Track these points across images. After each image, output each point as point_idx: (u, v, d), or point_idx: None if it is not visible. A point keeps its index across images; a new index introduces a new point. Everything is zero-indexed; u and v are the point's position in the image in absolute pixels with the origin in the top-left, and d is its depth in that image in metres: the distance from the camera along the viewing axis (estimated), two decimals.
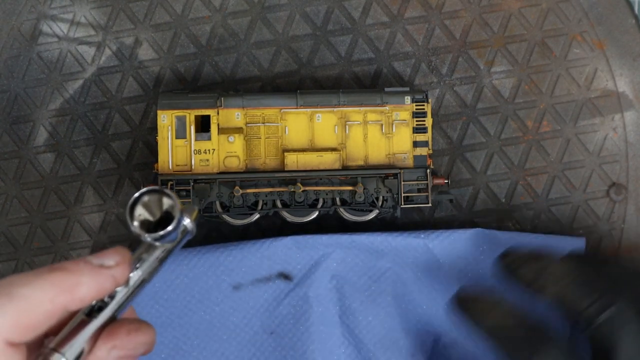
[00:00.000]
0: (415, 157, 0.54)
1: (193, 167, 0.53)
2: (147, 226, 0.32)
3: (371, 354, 0.53)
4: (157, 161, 0.53)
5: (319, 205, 0.54)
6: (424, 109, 0.54)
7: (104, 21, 0.58)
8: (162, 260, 0.33)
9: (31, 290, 0.29)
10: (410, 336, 0.54)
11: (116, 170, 0.58)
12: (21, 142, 0.58)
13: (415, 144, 0.54)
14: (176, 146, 0.53)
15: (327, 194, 0.54)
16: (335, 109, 0.54)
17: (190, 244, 0.57)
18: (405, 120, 0.54)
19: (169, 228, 0.31)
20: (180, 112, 0.53)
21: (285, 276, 0.54)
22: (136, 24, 0.59)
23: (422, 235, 0.54)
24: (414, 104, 0.54)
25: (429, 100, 0.54)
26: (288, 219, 0.55)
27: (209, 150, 0.53)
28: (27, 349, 0.30)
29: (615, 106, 0.58)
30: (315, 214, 0.54)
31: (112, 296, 0.31)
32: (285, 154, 0.53)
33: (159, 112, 0.53)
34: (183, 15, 0.58)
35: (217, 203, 0.54)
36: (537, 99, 0.58)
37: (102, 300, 0.31)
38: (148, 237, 0.31)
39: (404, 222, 0.57)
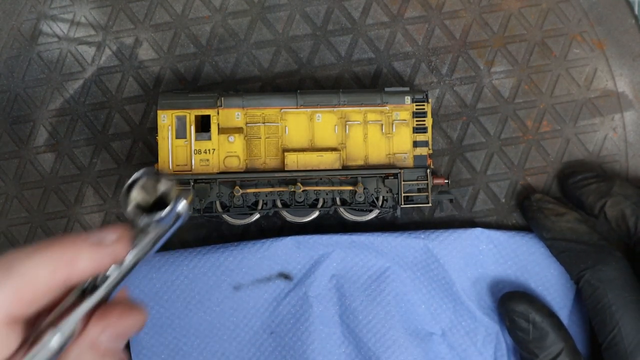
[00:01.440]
0: (415, 157, 0.54)
1: (193, 167, 0.53)
2: (142, 209, 0.32)
3: (371, 353, 0.53)
4: (157, 161, 0.53)
5: (319, 205, 0.54)
6: (424, 108, 0.54)
7: (104, 21, 0.59)
8: (155, 243, 0.33)
9: (31, 264, 0.29)
10: (409, 336, 0.54)
11: (116, 170, 0.58)
12: (21, 142, 0.58)
13: (416, 144, 0.54)
14: (176, 146, 0.53)
15: (327, 194, 0.54)
16: (336, 109, 0.54)
17: (190, 245, 0.57)
18: (405, 120, 0.54)
19: (165, 211, 0.31)
20: (180, 112, 0.53)
21: (285, 276, 0.54)
22: (136, 24, 0.59)
23: (422, 236, 0.54)
24: (414, 104, 0.54)
25: (429, 100, 0.54)
26: (288, 219, 0.55)
27: (209, 150, 0.53)
28: (24, 326, 0.30)
29: (615, 106, 0.58)
30: (315, 214, 0.54)
31: (104, 278, 0.32)
32: (286, 153, 0.53)
33: (159, 112, 0.53)
34: (183, 15, 0.59)
35: (217, 203, 0.54)
36: (537, 99, 0.58)
37: (95, 281, 0.31)
38: (143, 220, 0.31)
39: (404, 222, 0.57)
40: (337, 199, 0.54)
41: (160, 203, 0.32)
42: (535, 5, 0.58)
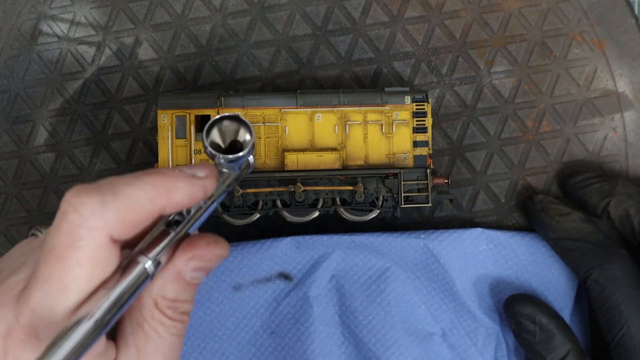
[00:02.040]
0: (415, 157, 0.54)
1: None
2: (217, 148, 0.33)
3: (371, 353, 0.53)
4: (157, 161, 0.53)
5: (319, 205, 0.54)
6: (424, 108, 0.54)
7: (104, 21, 0.59)
8: (228, 186, 0.34)
9: (134, 189, 0.30)
10: (410, 336, 0.54)
11: (116, 170, 0.58)
12: (21, 142, 0.58)
13: (415, 144, 0.54)
14: (176, 146, 0.53)
15: (327, 194, 0.54)
16: (335, 109, 0.54)
17: None
18: (405, 120, 0.54)
19: (244, 152, 0.32)
20: (180, 112, 0.53)
21: (285, 276, 0.54)
22: (136, 24, 0.59)
23: (422, 236, 0.54)
24: (414, 104, 0.54)
25: (429, 100, 0.54)
26: (288, 219, 0.55)
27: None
28: (120, 250, 0.31)
29: (615, 106, 0.58)
30: (315, 214, 0.54)
31: (187, 212, 0.33)
32: (286, 153, 0.53)
33: (159, 112, 0.53)
34: (183, 15, 0.59)
35: None
36: (537, 99, 0.58)
37: (178, 215, 0.32)
38: (222, 158, 0.33)
39: (404, 222, 0.57)
40: (337, 199, 0.54)
41: (233, 147, 0.33)
42: (535, 5, 0.58)
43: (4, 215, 0.58)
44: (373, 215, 0.54)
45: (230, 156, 0.33)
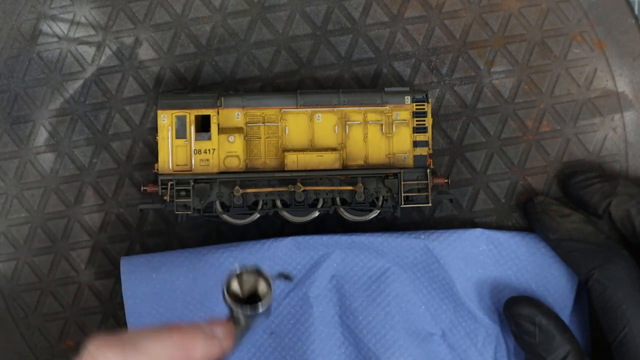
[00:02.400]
0: (415, 157, 0.54)
1: (193, 167, 0.53)
2: (236, 299, 0.35)
3: (371, 354, 0.53)
4: (157, 161, 0.53)
5: (319, 205, 0.54)
6: (424, 108, 0.54)
7: (104, 21, 0.59)
8: (244, 336, 0.35)
9: (155, 346, 0.31)
10: (410, 336, 0.54)
11: (116, 170, 0.58)
12: (21, 142, 0.58)
13: (415, 144, 0.54)
14: (176, 146, 0.53)
15: (327, 194, 0.54)
16: (336, 109, 0.54)
17: (189, 245, 0.57)
18: (405, 120, 0.54)
19: (262, 309, 0.34)
20: (180, 112, 0.53)
21: (285, 276, 0.52)
22: (136, 24, 0.59)
23: (422, 236, 0.54)
24: (414, 104, 0.54)
25: (429, 100, 0.54)
26: (288, 219, 0.55)
27: (209, 150, 0.53)
28: None
29: (615, 106, 0.58)
30: (315, 214, 0.54)
31: None
32: (286, 153, 0.53)
33: (159, 112, 0.53)
34: (183, 15, 0.59)
35: (217, 203, 0.54)
36: (537, 99, 0.58)
37: None
38: (239, 312, 0.34)
39: (404, 222, 0.57)
40: (337, 199, 0.54)
41: (251, 297, 0.34)
42: (535, 5, 0.58)
43: (4, 215, 0.58)
44: (373, 215, 0.54)
45: (249, 312, 0.34)
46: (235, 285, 0.34)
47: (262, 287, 0.35)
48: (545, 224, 0.53)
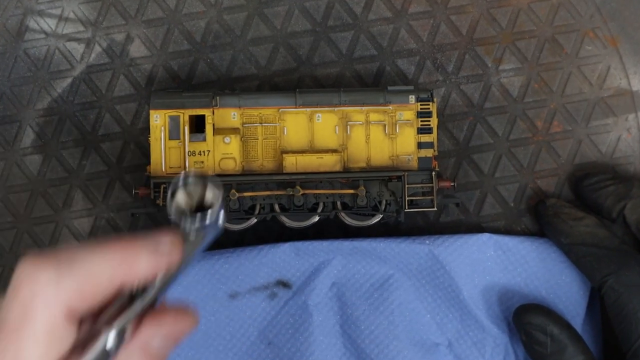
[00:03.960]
0: (419, 159, 0.53)
1: (187, 169, 0.53)
2: (183, 212, 0.33)
3: None
4: (149, 163, 0.53)
5: (319, 210, 0.54)
6: (429, 108, 0.54)
7: (93, 17, 0.58)
8: (196, 250, 0.34)
9: (93, 260, 0.30)
10: (414, 346, 0.53)
11: (106, 172, 0.58)
12: (7, 143, 0.58)
13: (420, 145, 0.54)
14: (169, 147, 0.53)
15: (327, 198, 0.54)
16: (336, 109, 0.54)
17: None
18: (409, 120, 0.54)
19: (209, 217, 0.32)
20: (173, 112, 0.53)
21: (283, 284, 0.54)
22: (127, 20, 0.58)
23: (427, 241, 0.54)
24: (419, 104, 0.54)
25: (434, 99, 0.54)
26: (287, 224, 0.54)
27: (203, 151, 0.53)
28: (78, 324, 0.30)
29: (629, 106, 0.58)
30: (315, 219, 0.54)
31: (152, 283, 0.33)
32: (284, 155, 0.53)
33: (151, 111, 0.53)
34: (176, 11, 0.58)
35: None
36: (547, 98, 0.58)
37: (143, 286, 0.32)
38: (187, 224, 0.33)
39: (408, 227, 0.57)
40: (338, 203, 0.54)
41: (201, 207, 0.33)
42: (545, 0, 0.58)
43: None
44: (376, 220, 0.54)
45: (197, 224, 0.32)
46: (181, 197, 0.33)
47: (209, 196, 0.33)
48: (557, 228, 0.53)
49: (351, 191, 0.53)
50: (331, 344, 0.54)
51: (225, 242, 0.57)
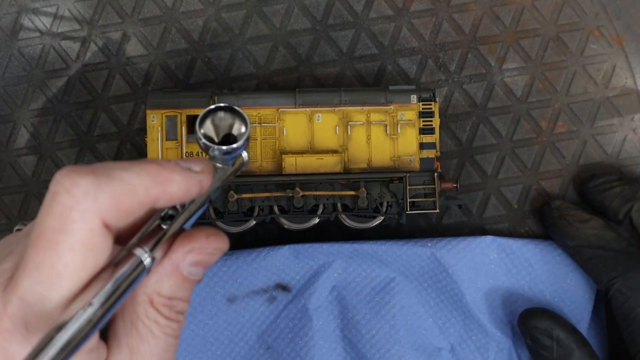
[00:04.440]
0: (421, 159, 0.53)
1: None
2: (211, 140, 0.33)
3: None
4: None
5: (319, 212, 0.54)
6: (431, 108, 0.53)
7: (89, 15, 0.58)
8: (223, 182, 0.35)
9: (130, 175, 0.30)
10: (416, 351, 0.53)
11: None
12: (1, 143, 0.58)
13: (422, 146, 0.53)
14: (166, 148, 0.53)
15: (327, 199, 0.54)
16: (337, 109, 0.53)
17: None
18: (411, 120, 0.53)
19: (239, 143, 0.33)
20: (170, 112, 0.53)
21: (283, 287, 0.54)
22: (124, 18, 0.58)
23: (429, 244, 0.54)
24: (421, 103, 0.53)
25: (437, 99, 0.54)
26: (286, 226, 0.54)
27: (201, 152, 0.53)
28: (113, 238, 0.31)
29: (634, 105, 0.57)
30: (315, 221, 0.54)
31: (182, 207, 0.33)
32: (283, 156, 0.53)
33: (148, 111, 0.53)
34: (174, 9, 0.58)
35: (211, 209, 0.53)
36: (551, 98, 0.58)
37: (172, 209, 0.33)
38: (216, 150, 0.33)
39: (410, 229, 0.57)
40: (338, 205, 0.54)
41: (227, 141, 0.33)
42: None
43: None
44: (377, 222, 0.54)
45: (225, 147, 0.33)
46: (208, 126, 0.33)
47: (237, 128, 0.34)
48: (563, 230, 0.53)
49: (352, 193, 0.53)
50: (331, 349, 0.53)
51: None
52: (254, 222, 0.54)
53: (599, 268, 0.50)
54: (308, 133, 0.54)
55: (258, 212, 0.54)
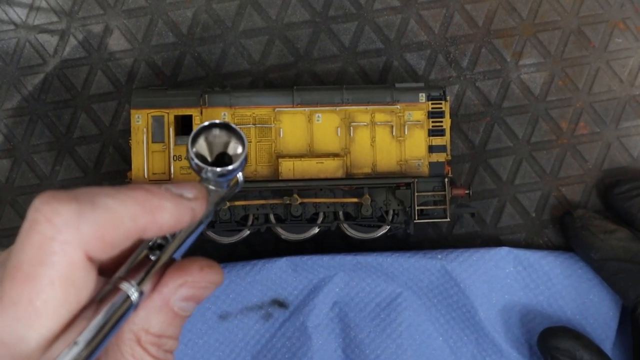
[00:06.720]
0: (431, 164, 0.53)
1: (172, 175, 0.53)
2: (204, 160, 0.33)
3: None
4: (130, 169, 0.53)
5: (319, 221, 0.53)
6: (441, 108, 0.53)
7: (68, 6, 0.58)
8: (215, 205, 0.34)
9: (115, 202, 0.30)
10: None
11: (83, 179, 0.58)
12: None
13: (431, 149, 0.53)
14: (153, 151, 0.53)
15: (328, 207, 0.53)
16: (338, 109, 0.53)
17: None
18: (419, 121, 0.53)
19: (235, 165, 0.33)
20: (157, 112, 0.52)
21: (279, 303, 0.54)
22: (106, 9, 0.58)
23: (439, 256, 0.54)
24: (430, 103, 0.53)
25: (447, 97, 0.53)
26: (283, 237, 0.54)
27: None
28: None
29: None
30: (314, 231, 0.54)
31: (172, 236, 0.33)
32: (280, 160, 0.53)
33: (132, 111, 0.52)
34: None
35: None
36: (572, 97, 0.58)
37: (162, 238, 0.32)
38: (209, 172, 0.33)
39: (418, 240, 0.57)
40: (340, 213, 0.54)
41: (220, 161, 0.34)
42: None
43: None
44: (382, 232, 0.54)
45: (219, 170, 0.33)
46: (202, 144, 0.33)
47: (233, 147, 0.33)
48: (586, 242, 0.52)
49: (355, 200, 0.53)
50: None
51: (215, 256, 0.56)
52: (248, 232, 0.54)
53: (625, 283, 0.50)
54: (307, 135, 0.53)
55: (252, 221, 0.54)
